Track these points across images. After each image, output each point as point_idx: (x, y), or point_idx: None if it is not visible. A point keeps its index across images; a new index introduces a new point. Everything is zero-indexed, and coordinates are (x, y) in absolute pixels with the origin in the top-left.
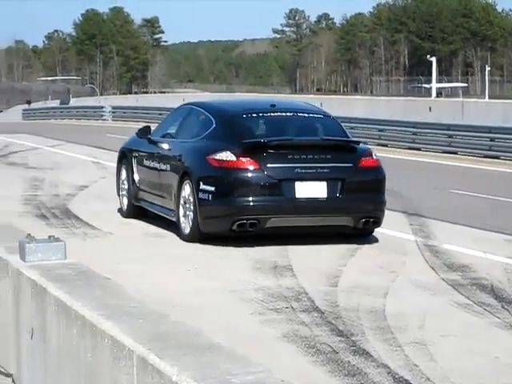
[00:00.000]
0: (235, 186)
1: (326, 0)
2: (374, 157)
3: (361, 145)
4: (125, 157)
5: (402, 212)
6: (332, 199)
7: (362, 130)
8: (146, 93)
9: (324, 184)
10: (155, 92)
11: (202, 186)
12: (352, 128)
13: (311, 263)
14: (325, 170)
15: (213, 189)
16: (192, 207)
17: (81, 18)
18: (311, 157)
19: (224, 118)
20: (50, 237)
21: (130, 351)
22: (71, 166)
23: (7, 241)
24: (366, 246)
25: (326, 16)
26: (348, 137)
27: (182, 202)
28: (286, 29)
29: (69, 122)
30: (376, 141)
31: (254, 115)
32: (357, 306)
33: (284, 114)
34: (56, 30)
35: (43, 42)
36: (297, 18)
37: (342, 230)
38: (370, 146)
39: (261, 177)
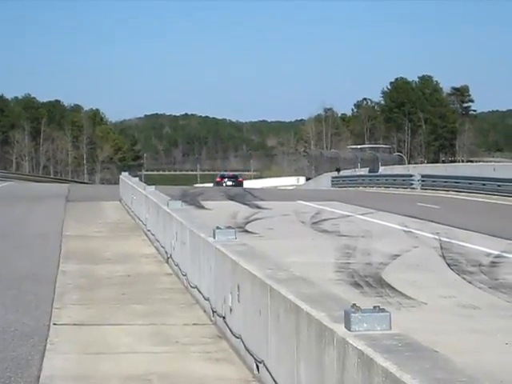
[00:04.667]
0: (218, 184)
1: None
2: (240, 178)
3: (239, 177)
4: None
5: None
6: (232, 185)
7: None
8: (454, 161)
9: (231, 182)
10: (463, 161)
11: (214, 183)
12: None
13: None
14: (232, 180)
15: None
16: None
17: (389, 87)
18: (230, 178)
19: (221, 174)
20: (374, 307)
21: None
22: (382, 234)
23: (329, 309)
24: None
25: None
26: (237, 176)
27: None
28: None
29: (377, 190)
30: None
31: (224, 173)
32: None
33: (229, 173)
34: (365, 98)
35: (352, 109)
36: None
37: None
38: (240, 176)
39: (221, 182)
